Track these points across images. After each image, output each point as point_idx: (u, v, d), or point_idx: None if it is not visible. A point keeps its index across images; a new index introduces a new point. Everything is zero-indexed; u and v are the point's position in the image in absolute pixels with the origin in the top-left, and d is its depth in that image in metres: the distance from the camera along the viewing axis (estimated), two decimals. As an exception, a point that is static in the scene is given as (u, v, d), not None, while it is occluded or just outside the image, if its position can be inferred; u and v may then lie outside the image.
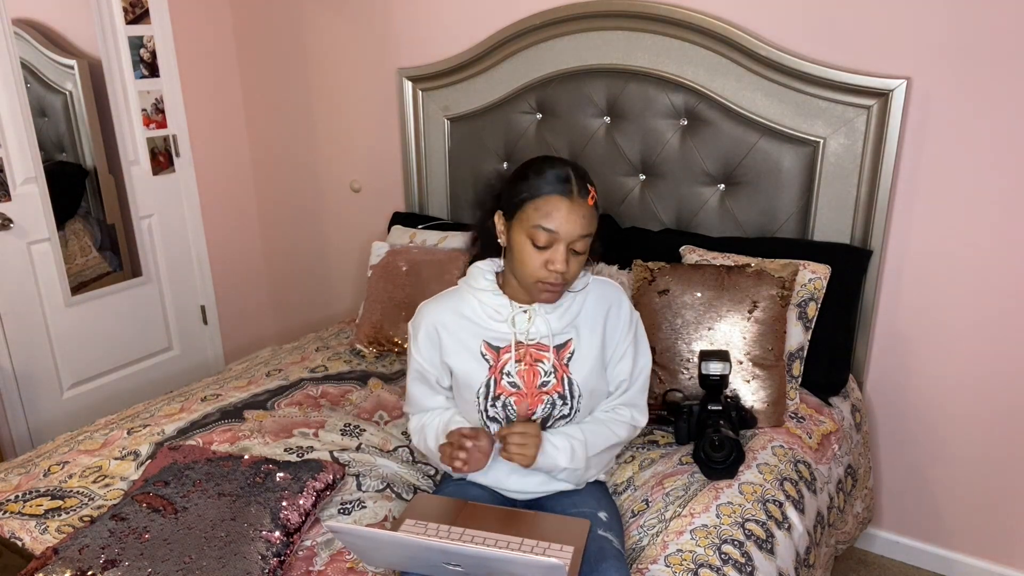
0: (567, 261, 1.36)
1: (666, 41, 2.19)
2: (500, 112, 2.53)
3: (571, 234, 1.35)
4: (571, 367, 1.48)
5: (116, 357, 2.98)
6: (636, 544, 1.50)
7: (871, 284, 2.10)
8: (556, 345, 1.48)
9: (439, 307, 1.52)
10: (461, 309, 1.50)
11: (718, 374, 1.74)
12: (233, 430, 1.89)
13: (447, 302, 1.52)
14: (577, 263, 1.40)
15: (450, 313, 1.51)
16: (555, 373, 1.48)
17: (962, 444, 2.14)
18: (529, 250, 1.37)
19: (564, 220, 1.34)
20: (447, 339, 1.50)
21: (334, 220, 3.18)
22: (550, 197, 1.35)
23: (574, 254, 1.38)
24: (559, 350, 1.48)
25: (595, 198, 1.38)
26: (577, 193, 1.35)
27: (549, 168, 1.38)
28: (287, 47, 3.02)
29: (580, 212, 1.35)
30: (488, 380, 1.48)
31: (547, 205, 1.35)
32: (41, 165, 2.63)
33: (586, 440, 1.48)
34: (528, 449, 1.41)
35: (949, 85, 1.92)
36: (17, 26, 2.55)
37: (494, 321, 1.48)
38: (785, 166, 2.11)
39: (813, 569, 1.71)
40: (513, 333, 1.47)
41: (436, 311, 1.52)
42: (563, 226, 1.34)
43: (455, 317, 1.50)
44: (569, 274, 1.38)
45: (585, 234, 1.36)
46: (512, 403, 1.48)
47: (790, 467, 1.75)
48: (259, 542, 1.42)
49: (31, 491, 1.70)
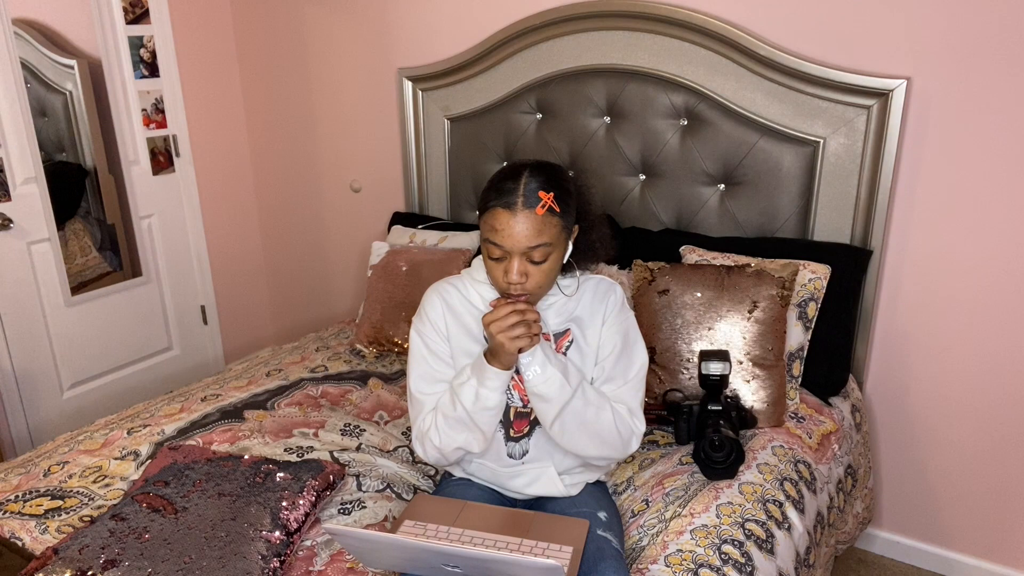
0: (524, 272, 1.34)
1: (666, 41, 2.19)
2: (500, 112, 2.53)
3: (517, 246, 1.32)
4: (570, 355, 1.49)
5: (116, 357, 2.98)
6: (636, 544, 1.50)
7: (871, 284, 2.10)
8: (555, 333, 1.49)
9: (445, 291, 1.54)
10: (466, 295, 1.52)
11: (718, 374, 1.74)
12: (233, 430, 1.89)
13: (452, 288, 1.54)
14: (541, 272, 1.36)
15: (456, 297, 1.52)
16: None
17: (962, 444, 2.14)
18: (489, 262, 1.38)
19: (507, 234, 1.32)
20: (451, 320, 1.51)
21: (334, 220, 3.18)
22: (495, 210, 1.33)
23: (533, 263, 1.35)
24: (558, 339, 1.49)
25: (547, 206, 1.32)
26: (523, 204, 1.31)
27: (502, 179, 1.36)
28: (287, 47, 3.02)
29: (525, 224, 1.31)
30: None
31: (492, 219, 1.34)
32: (41, 165, 2.63)
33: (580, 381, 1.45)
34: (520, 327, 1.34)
35: (949, 85, 1.92)
36: (17, 26, 2.55)
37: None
38: (785, 166, 2.11)
39: (813, 569, 1.71)
40: None
41: (442, 293, 1.53)
42: (507, 240, 1.32)
43: (460, 300, 1.52)
44: (531, 283, 1.36)
45: (535, 244, 1.32)
46: (511, 387, 1.48)
47: (790, 467, 1.75)
48: (259, 542, 1.42)
49: (31, 491, 1.70)
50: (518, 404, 1.50)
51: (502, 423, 1.52)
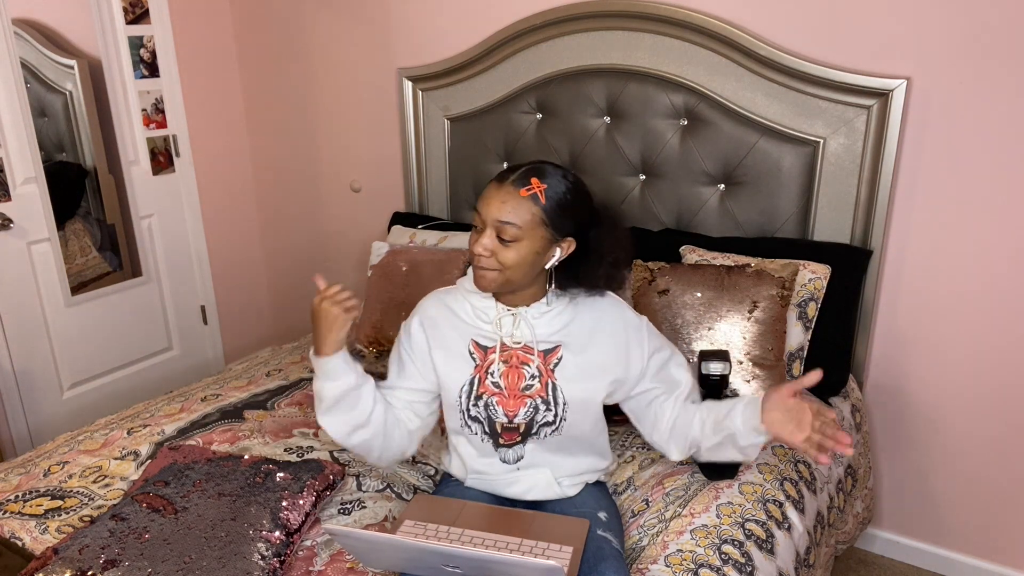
0: (492, 249, 1.39)
1: (666, 41, 2.19)
2: (500, 112, 2.53)
3: (491, 216, 1.38)
4: (557, 373, 1.47)
5: (116, 357, 2.98)
6: (636, 544, 1.50)
7: (871, 284, 2.09)
8: (544, 350, 1.48)
9: (438, 302, 1.56)
10: (455, 308, 1.53)
11: (718, 374, 1.74)
12: (233, 430, 1.89)
13: (446, 298, 1.56)
14: (506, 254, 1.38)
15: (446, 309, 1.54)
16: (540, 378, 1.47)
17: (962, 444, 2.14)
18: (472, 233, 1.44)
19: (487, 201, 1.39)
20: (437, 333, 1.52)
21: (334, 220, 3.18)
22: (489, 183, 1.42)
23: (502, 242, 1.38)
24: (547, 355, 1.48)
25: (533, 192, 1.36)
26: (511, 182, 1.38)
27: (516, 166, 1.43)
28: (287, 47, 3.02)
29: (504, 198, 1.37)
30: (473, 379, 1.49)
31: (484, 190, 1.42)
32: (41, 165, 2.63)
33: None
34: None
35: (949, 85, 1.92)
36: (17, 26, 2.55)
37: (482, 322, 1.50)
38: (785, 166, 2.11)
39: (813, 569, 1.71)
40: (499, 335, 1.48)
41: (435, 305, 1.55)
42: (484, 207, 1.39)
43: (448, 314, 1.53)
44: (494, 261, 1.39)
45: (505, 220, 1.36)
46: (495, 403, 1.48)
47: (790, 467, 1.75)
48: (259, 542, 1.42)
49: (31, 491, 1.70)
50: (503, 420, 1.49)
51: (488, 435, 1.51)
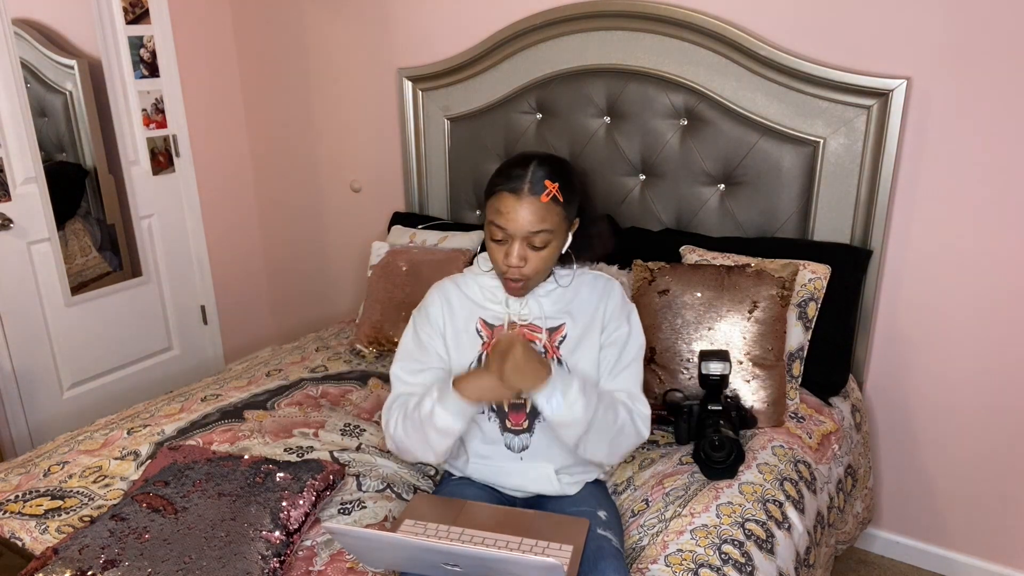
0: (524, 257, 1.41)
1: (666, 41, 2.19)
2: (500, 112, 2.53)
3: (519, 230, 1.39)
4: (562, 350, 1.52)
5: (116, 357, 2.98)
6: (636, 544, 1.50)
7: (871, 284, 2.09)
8: (549, 328, 1.52)
9: (449, 284, 1.60)
10: (465, 290, 1.58)
11: (718, 374, 1.74)
12: (233, 430, 1.89)
13: (456, 281, 1.61)
14: (539, 258, 1.42)
15: (457, 291, 1.58)
16: (545, 354, 1.51)
17: (962, 444, 2.14)
18: (491, 244, 1.44)
19: (511, 217, 1.39)
20: (449, 311, 1.56)
21: (334, 220, 3.18)
22: (501, 194, 1.40)
23: (533, 249, 1.41)
24: (552, 332, 1.52)
25: (552, 195, 1.39)
26: (528, 190, 1.38)
27: (511, 166, 1.43)
28: (287, 47, 3.02)
29: (528, 209, 1.38)
30: (480, 355, 1.53)
31: (498, 202, 1.40)
32: (41, 165, 2.63)
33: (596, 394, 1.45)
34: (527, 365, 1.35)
35: (949, 85, 1.92)
36: (17, 26, 2.55)
37: (491, 302, 1.55)
38: (785, 166, 2.11)
39: (813, 569, 1.71)
40: (507, 313, 1.53)
41: (447, 287, 1.60)
42: (510, 223, 1.39)
43: (459, 295, 1.58)
44: (529, 268, 1.42)
45: (537, 230, 1.39)
46: None
47: (790, 467, 1.75)
48: (259, 542, 1.42)
49: (31, 491, 1.70)
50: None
51: (496, 413, 1.53)
